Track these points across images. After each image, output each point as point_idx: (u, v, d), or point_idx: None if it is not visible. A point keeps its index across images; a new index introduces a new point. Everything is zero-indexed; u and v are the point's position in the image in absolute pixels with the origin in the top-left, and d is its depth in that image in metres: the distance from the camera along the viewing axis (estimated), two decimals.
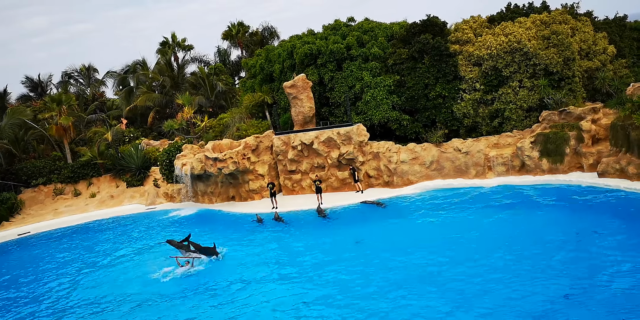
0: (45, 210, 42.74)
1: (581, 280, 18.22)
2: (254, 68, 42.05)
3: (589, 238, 21.84)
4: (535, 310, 16.66)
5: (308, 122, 36.52)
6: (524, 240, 22.69)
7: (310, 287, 21.18)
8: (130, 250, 29.97)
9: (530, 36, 32.71)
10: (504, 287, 18.61)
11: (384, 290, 19.79)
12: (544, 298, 17.43)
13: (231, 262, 25.32)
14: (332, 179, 35.39)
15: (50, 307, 23.20)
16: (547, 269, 19.60)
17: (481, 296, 18.26)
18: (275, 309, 19.46)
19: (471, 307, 17.52)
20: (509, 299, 17.66)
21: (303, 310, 19.13)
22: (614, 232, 22.12)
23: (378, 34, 38.03)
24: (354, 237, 26.41)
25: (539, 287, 18.26)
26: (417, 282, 20.14)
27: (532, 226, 24.24)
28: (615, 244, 20.82)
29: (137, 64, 60.95)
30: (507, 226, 24.86)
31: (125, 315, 21.09)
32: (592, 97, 34.01)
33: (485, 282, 19.24)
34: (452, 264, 21.29)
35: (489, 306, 17.43)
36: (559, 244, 21.65)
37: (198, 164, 35.09)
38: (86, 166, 45.23)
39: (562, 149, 30.37)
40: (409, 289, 19.61)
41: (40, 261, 30.58)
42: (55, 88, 61.54)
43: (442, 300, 18.35)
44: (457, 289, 19.12)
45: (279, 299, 20.34)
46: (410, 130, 35.48)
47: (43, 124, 48.24)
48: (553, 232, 23.07)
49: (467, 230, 24.90)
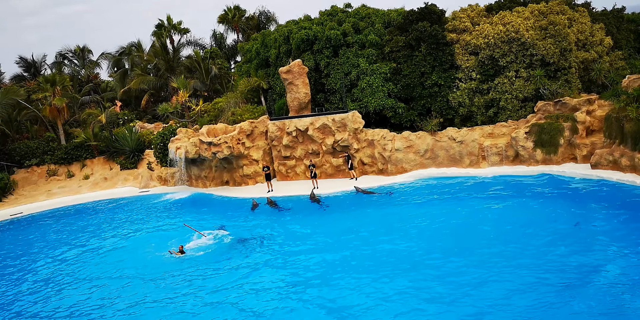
0: (38, 191, 42.66)
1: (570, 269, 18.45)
2: (249, 53, 41.87)
3: (579, 228, 22.02)
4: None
5: (303, 108, 36.48)
6: (513, 229, 22.84)
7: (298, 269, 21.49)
8: (122, 232, 30.00)
9: (527, 26, 32.66)
10: (488, 276, 18.84)
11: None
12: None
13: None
14: (326, 165, 35.46)
15: (32, 288, 23.38)
16: (534, 259, 19.82)
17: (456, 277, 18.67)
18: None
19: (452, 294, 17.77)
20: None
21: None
22: (602, 223, 22.31)
23: (375, 20, 37.87)
24: (345, 224, 26.54)
25: (518, 276, 18.49)
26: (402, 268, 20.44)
27: (523, 216, 24.32)
28: (603, 235, 21.04)
29: (132, 46, 60.53)
30: (498, 215, 24.99)
31: (119, 291, 21.42)
32: (588, 89, 34.09)
33: (462, 272, 19.43)
34: (437, 252, 21.61)
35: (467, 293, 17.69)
36: (550, 234, 21.80)
37: (192, 147, 35.07)
38: (80, 148, 45.09)
39: (557, 139, 30.48)
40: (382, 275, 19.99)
41: (32, 241, 30.64)
42: (49, 69, 61.10)
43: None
44: (432, 270, 19.75)
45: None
46: (406, 118, 35.50)
47: (37, 104, 47.98)
48: (544, 222, 23.21)
49: (456, 219, 25.07)
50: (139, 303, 20.16)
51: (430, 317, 16.55)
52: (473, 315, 16.33)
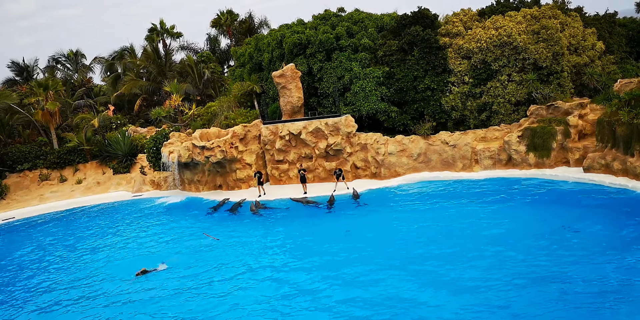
0: (31, 195, 42.42)
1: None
2: (243, 57, 41.85)
3: (569, 232, 22.11)
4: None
5: (296, 112, 36.46)
6: (504, 233, 22.90)
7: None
8: (116, 236, 29.92)
9: (520, 30, 32.77)
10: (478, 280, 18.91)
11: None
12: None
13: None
14: (319, 169, 35.42)
15: (28, 291, 23.19)
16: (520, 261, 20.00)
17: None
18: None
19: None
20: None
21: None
22: (591, 226, 22.51)
23: (368, 24, 37.96)
24: (341, 227, 26.71)
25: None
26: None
27: (515, 220, 24.39)
28: (590, 239, 21.19)
29: (125, 50, 60.39)
30: (490, 219, 24.99)
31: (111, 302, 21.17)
32: (580, 93, 34.23)
33: (449, 274, 19.61)
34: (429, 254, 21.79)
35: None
36: (542, 237, 21.87)
37: (185, 152, 34.98)
38: (72, 152, 44.87)
39: (549, 143, 30.56)
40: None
41: (22, 246, 30.50)
42: (41, 73, 60.87)
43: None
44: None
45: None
46: (399, 122, 35.52)
47: (29, 108, 47.72)
48: (536, 226, 23.28)
49: (448, 222, 25.16)
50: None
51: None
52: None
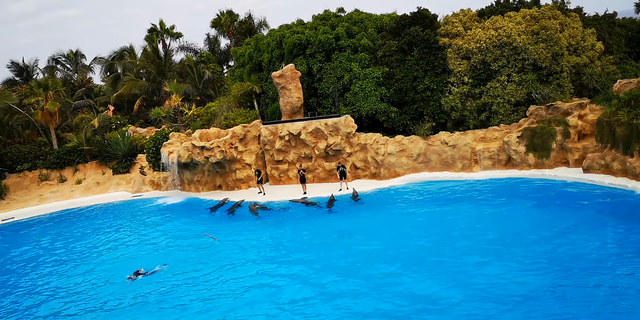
0: (30, 195, 42.43)
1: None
2: (242, 57, 41.86)
3: (567, 234, 22.08)
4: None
5: (296, 112, 36.47)
6: (504, 234, 22.88)
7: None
8: (115, 236, 29.88)
9: (519, 31, 32.78)
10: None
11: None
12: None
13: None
14: (319, 169, 35.42)
15: (30, 292, 23.15)
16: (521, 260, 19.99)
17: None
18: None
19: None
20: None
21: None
22: (591, 226, 22.49)
23: (368, 25, 37.97)
24: (337, 228, 26.76)
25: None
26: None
27: (515, 220, 24.38)
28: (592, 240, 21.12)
29: (125, 50, 60.47)
30: (490, 219, 25.01)
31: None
32: (579, 93, 34.23)
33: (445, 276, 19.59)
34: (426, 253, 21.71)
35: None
36: (542, 238, 21.86)
37: (185, 152, 34.99)
38: (72, 152, 44.87)
39: (549, 144, 30.58)
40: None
41: (22, 246, 30.46)
42: (41, 73, 60.91)
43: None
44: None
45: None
46: (398, 122, 35.54)
47: (29, 109, 47.78)
48: (536, 226, 23.27)
49: (448, 223, 25.11)
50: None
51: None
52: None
